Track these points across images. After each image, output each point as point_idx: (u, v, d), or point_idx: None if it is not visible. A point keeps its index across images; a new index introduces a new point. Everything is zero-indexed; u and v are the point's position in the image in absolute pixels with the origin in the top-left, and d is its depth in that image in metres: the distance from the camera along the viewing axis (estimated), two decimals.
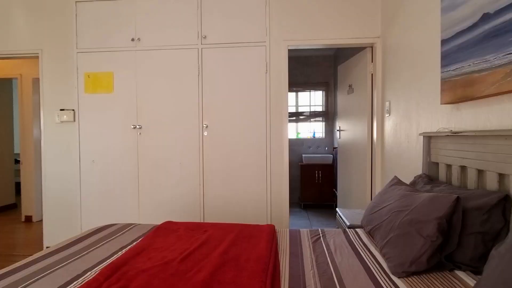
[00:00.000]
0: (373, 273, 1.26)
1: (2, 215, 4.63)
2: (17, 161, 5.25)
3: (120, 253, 1.53)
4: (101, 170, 3.05)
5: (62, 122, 3.09)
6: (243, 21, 2.92)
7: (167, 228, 1.87)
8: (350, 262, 1.37)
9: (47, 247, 3.11)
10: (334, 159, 4.94)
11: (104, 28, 3.01)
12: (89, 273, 1.31)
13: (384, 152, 2.79)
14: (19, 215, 4.50)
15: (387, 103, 2.68)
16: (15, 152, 5.18)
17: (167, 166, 2.99)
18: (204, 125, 2.95)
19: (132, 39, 2.99)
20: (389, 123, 2.65)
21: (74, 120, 3.07)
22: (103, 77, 3.02)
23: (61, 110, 3.08)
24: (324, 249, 1.55)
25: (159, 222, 2.91)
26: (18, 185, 4.99)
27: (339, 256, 1.44)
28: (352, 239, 1.68)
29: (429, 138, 1.87)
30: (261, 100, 2.92)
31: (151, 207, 3.02)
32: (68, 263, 1.42)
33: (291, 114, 5.36)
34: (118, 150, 3.03)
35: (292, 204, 4.13)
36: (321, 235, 1.77)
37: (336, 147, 4.76)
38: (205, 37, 2.94)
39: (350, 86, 3.52)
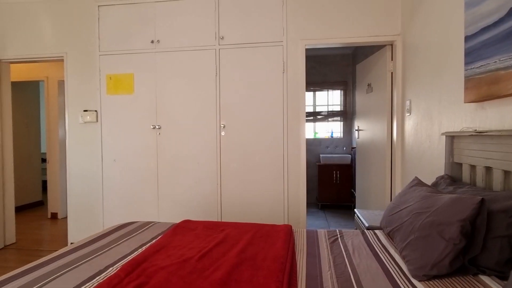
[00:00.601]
0: (393, 276, 1.23)
1: (30, 212, 4.85)
2: (43, 160, 5.48)
3: (140, 250, 1.57)
4: (122, 169, 3.14)
5: (85, 122, 3.20)
6: (260, 21, 2.93)
7: (185, 227, 1.90)
8: (368, 264, 1.35)
9: (71, 243, 3.23)
10: (353, 159, 4.86)
11: (125, 30, 3.10)
12: (110, 268, 1.36)
13: (404, 152, 2.72)
14: (46, 212, 4.70)
15: (407, 102, 2.61)
16: (42, 151, 5.41)
17: (185, 165, 3.04)
18: (222, 125, 2.98)
19: (152, 41, 3.06)
20: (410, 123, 2.58)
21: (97, 121, 3.17)
22: (124, 79, 3.10)
23: (84, 111, 3.19)
24: (342, 250, 1.53)
25: (177, 220, 2.96)
26: (44, 183, 5.21)
27: (357, 258, 1.42)
28: (371, 241, 1.65)
29: (452, 138, 1.81)
30: (278, 100, 2.92)
31: (169, 205, 3.07)
32: (91, 258, 1.47)
33: (309, 114, 5.32)
34: (138, 149, 3.11)
35: (309, 204, 4.10)
36: (338, 236, 1.75)
37: (355, 147, 4.68)
38: (222, 38, 2.96)
39: (369, 85, 3.45)
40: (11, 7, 3.30)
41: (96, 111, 3.17)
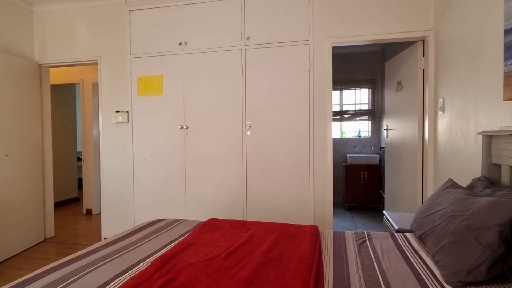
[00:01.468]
0: (424, 281, 1.19)
1: (67, 207, 5.13)
2: (79, 159, 5.79)
3: (169, 247, 1.62)
4: (152, 168, 3.24)
5: (117, 123, 3.34)
6: (285, 20, 2.92)
7: (212, 225, 1.94)
8: (398, 268, 1.31)
9: (104, 238, 3.39)
10: (381, 159, 4.72)
11: (154, 33, 3.20)
12: (141, 263, 1.41)
13: (437, 152, 2.61)
14: (81, 208, 4.95)
15: (440, 100, 2.50)
16: (78, 150, 5.72)
17: (211, 165, 3.09)
18: (247, 125, 3.00)
19: (180, 43, 3.13)
20: (443, 121, 2.47)
21: (128, 121, 3.30)
22: (154, 80, 3.21)
23: (116, 112, 3.33)
24: (370, 252, 1.50)
25: (204, 218, 3.03)
26: (80, 181, 5.51)
27: (386, 261, 1.38)
28: (401, 244, 1.60)
29: (489, 138, 1.72)
30: (304, 100, 2.90)
31: (196, 204, 3.14)
32: (124, 253, 1.54)
33: (335, 113, 5.23)
34: (167, 149, 3.20)
35: (335, 205, 4.04)
36: (367, 238, 1.71)
37: (383, 147, 4.55)
38: (248, 38, 2.98)
39: (399, 82, 3.34)
40: (51, 15, 3.50)
41: (127, 111, 3.30)
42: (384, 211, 2.52)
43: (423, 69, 2.81)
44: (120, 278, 1.26)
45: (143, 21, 3.23)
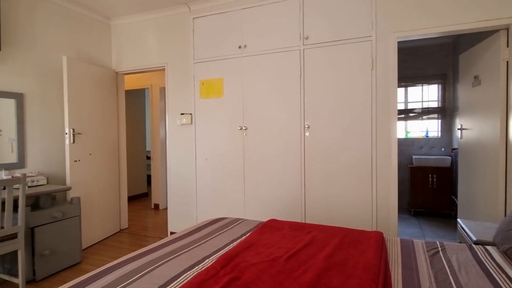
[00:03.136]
0: None
1: (137, 202, 5.62)
2: (148, 157, 6.32)
3: (232, 245, 1.68)
4: (213, 167, 3.39)
5: (182, 124, 3.56)
6: (346, 17, 2.82)
7: (272, 226, 1.96)
8: (479, 285, 1.18)
9: (170, 232, 3.64)
10: (453, 162, 4.30)
11: (215, 38, 3.34)
12: (207, 260, 1.48)
13: None
14: (150, 203, 5.39)
15: None
16: (147, 149, 6.24)
17: (270, 165, 3.12)
18: (306, 126, 2.96)
19: (239, 47, 3.22)
20: None
21: (191, 123, 3.49)
22: (215, 83, 3.35)
23: (181, 114, 3.55)
24: (444, 265, 1.37)
25: (262, 218, 3.07)
26: (149, 178, 6.01)
27: (464, 276, 1.26)
28: (481, 258, 1.44)
29: None
30: (366, 98, 2.77)
31: (255, 203, 3.20)
32: (190, 249, 1.64)
33: (399, 112, 4.90)
34: (227, 149, 3.32)
35: (399, 209, 3.79)
36: (440, 248, 1.58)
37: (456, 148, 4.14)
38: (307, 38, 2.95)
39: (476, 77, 3.00)
40: (125, 28, 3.87)
41: (190, 114, 3.49)
42: (458, 219, 2.30)
43: (507, 61, 2.49)
44: (188, 273, 1.34)
45: (205, 27, 3.39)
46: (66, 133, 3.17)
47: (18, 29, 2.98)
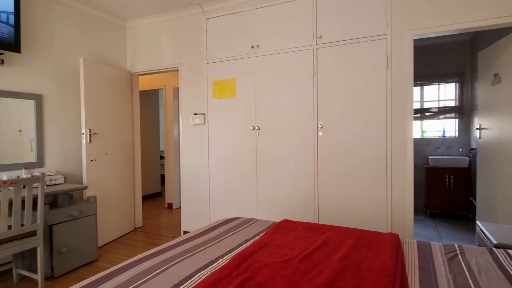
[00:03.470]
0: None
1: (151, 201, 5.70)
2: (161, 157, 6.39)
3: (245, 245, 1.68)
4: (226, 167, 3.40)
5: (195, 124, 3.58)
6: (360, 15, 2.78)
7: (286, 226, 1.95)
8: None
9: (184, 231, 3.68)
10: (471, 162, 4.19)
11: (228, 38, 3.35)
12: (221, 260, 1.49)
13: None
14: (163, 202, 5.46)
15: None
16: (160, 149, 6.31)
17: (282, 165, 3.11)
18: (319, 125, 2.94)
19: (252, 47, 3.22)
20: None
21: (204, 123, 3.51)
22: (228, 84, 3.36)
23: (194, 114, 3.58)
24: (463, 269, 1.34)
25: (275, 218, 3.06)
26: (162, 177, 6.08)
27: (485, 280, 1.22)
28: (503, 262, 1.39)
29: None
30: (380, 98, 2.72)
31: (267, 203, 3.19)
32: (204, 248, 1.65)
33: (415, 111, 4.80)
34: (239, 149, 3.32)
35: (415, 211, 3.71)
36: (458, 251, 1.53)
37: (474, 148, 4.03)
38: (320, 37, 2.92)
39: (495, 75, 2.91)
40: (139, 29, 3.93)
41: (203, 114, 3.51)
42: (477, 221, 2.23)
43: None
44: (202, 272, 1.35)
45: (218, 27, 3.40)
46: (83, 133, 3.24)
47: (36, 32, 3.07)
